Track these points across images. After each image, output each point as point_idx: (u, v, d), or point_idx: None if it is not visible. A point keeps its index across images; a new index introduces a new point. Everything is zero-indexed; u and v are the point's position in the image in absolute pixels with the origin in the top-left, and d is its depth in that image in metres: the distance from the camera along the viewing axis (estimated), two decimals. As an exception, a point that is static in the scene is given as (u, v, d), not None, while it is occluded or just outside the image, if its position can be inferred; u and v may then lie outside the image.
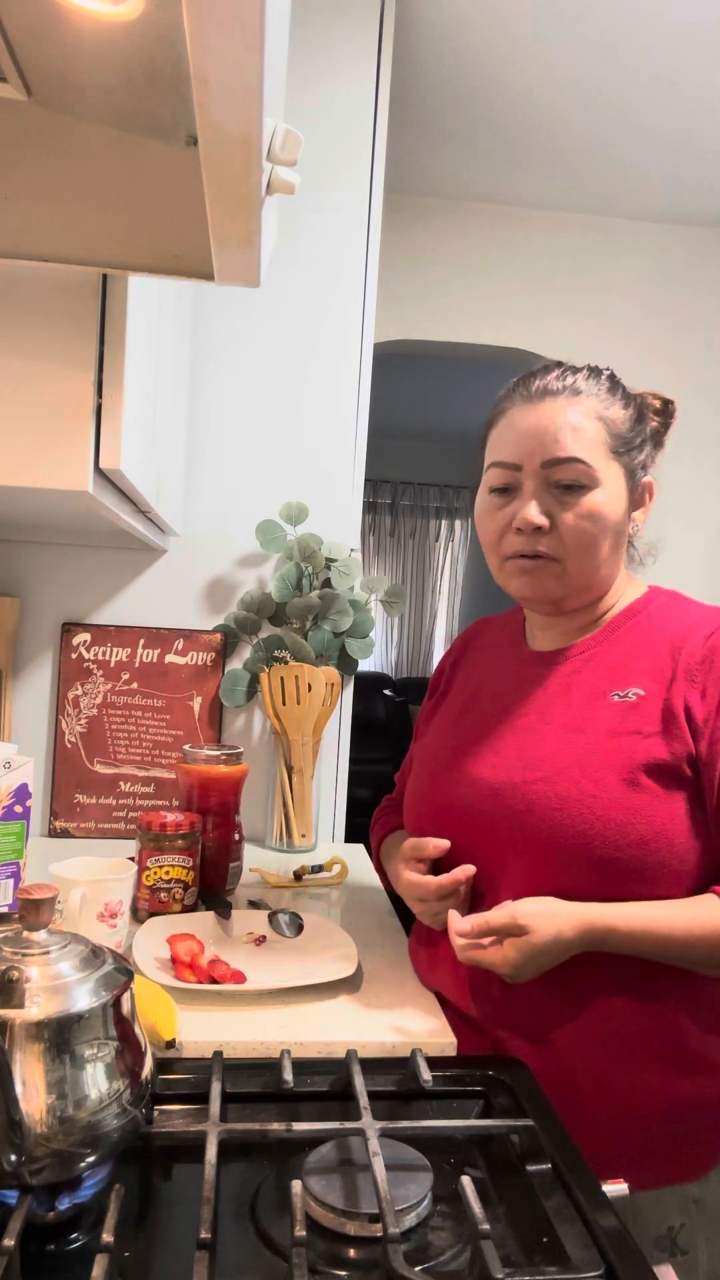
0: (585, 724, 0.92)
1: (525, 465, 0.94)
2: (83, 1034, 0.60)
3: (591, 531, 0.92)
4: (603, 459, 0.93)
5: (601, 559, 0.95)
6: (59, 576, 1.68)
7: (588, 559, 0.94)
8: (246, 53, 0.45)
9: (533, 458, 0.93)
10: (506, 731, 0.98)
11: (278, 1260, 0.59)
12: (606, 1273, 0.57)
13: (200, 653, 1.69)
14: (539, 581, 0.95)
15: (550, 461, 0.92)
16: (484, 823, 0.94)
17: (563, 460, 0.92)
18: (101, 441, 0.96)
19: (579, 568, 0.94)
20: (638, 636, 0.96)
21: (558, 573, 0.94)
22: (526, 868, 0.90)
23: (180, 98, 0.67)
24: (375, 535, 6.30)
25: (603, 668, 0.96)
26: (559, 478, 0.92)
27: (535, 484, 0.93)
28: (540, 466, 0.93)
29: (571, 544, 0.93)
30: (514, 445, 0.94)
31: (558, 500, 0.93)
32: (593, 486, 0.92)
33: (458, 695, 1.11)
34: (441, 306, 2.81)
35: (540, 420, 0.93)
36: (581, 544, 0.93)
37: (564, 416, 0.93)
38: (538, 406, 0.94)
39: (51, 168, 0.77)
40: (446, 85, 2.16)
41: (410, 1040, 0.89)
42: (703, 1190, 0.90)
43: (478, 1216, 0.58)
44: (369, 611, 1.72)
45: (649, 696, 0.91)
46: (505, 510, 0.96)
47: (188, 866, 1.20)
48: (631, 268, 2.83)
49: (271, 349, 1.74)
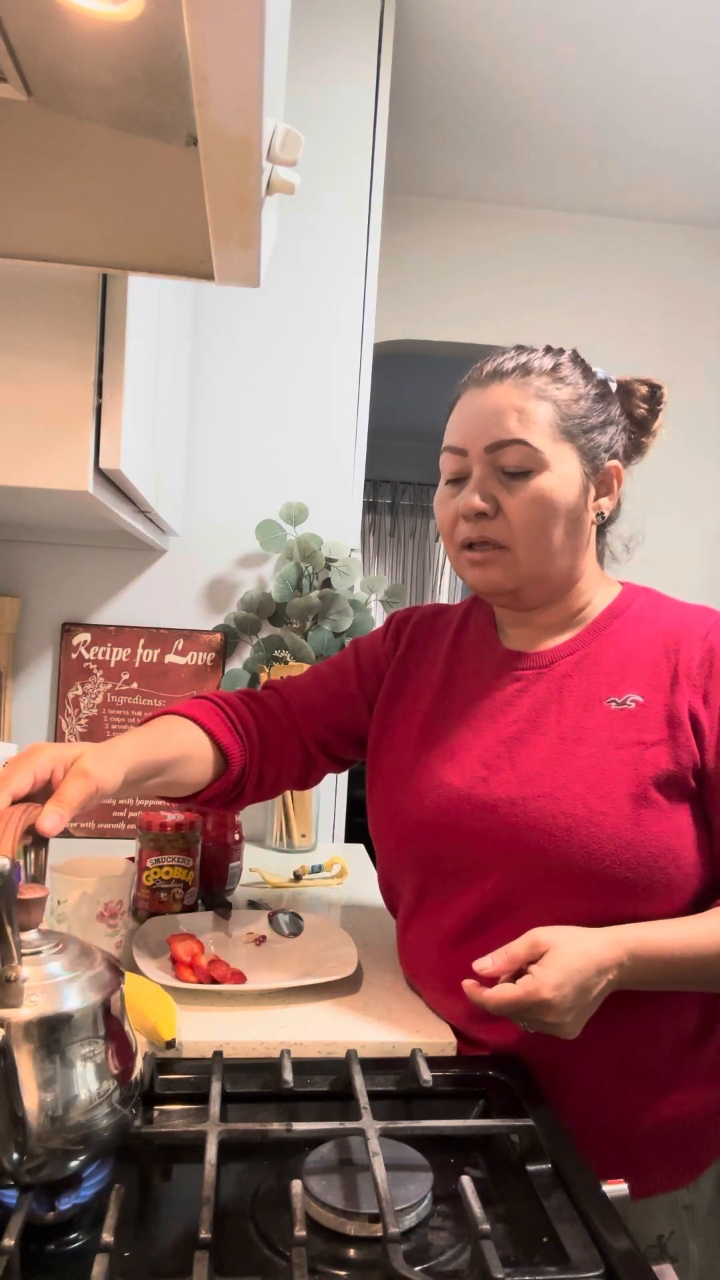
0: (584, 734, 0.88)
1: (471, 450, 0.91)
2: (73, 1034, 0.60)
3: (539, 516, 0.89)
4: (550, 441, 0.89)
5: (555, 546, 0.90)
6: (59, 576, 1.68)
7: (539, 546, 0.90)
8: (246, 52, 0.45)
9: (476, 443, 0.90)
10: (493, 739, 0.92)
11: (278, 1260, 0.59)
12: (606, 1273, 0.57)
13: (200, 653, 1.69)
14: (490, 573, 0.92)
15: (493, 445, 0.89)
16: (474, 841, 0.89)
17: (505, 443, 0.89)
18: (101, 441, 0.96)
19: (529, 555, 0.90)
20: (627, 638, 0.93)
21: (509, 562, 0.91)
22: (527, 890, 0.86)
23: (180, 98, 0.67)
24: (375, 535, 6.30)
25: (595, 672, 0.91)
26: (503, 462, 0.89)
27: (482, 469, 0.90)
28: (484, 451, 0.90)
29: (520, 529, 0.89)
30: (461, 430, 0.92)
31: (504, 486, 0.89)
32: (539, 470, 0.89)
33: (420, 693, 1.03)
34: (441, 306, 2.81)
35: (486, 403, 0.91)
36: (530, 530, 0.89)
37: (509, 399, 0.90)
38: (487, 390, 0.92)
39: (51, 167, 0.77)
40: (446, 85, 2.16)
41: (410, 1040, 0.89)
42: (693, 1196, 0.89)
43: (478, 1216, 0.58)
44: (369, 611, 1.72)
45: (648, 703, 0.87)
46: (456, 499, 0.93)
47: (188, 866, 1.20)
48: (631, 268, 2.83)
49: (271, 349, 1.74)
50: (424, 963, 0.97)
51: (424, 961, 0.97)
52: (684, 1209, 0.89)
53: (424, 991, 0.98)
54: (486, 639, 1.02)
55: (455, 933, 0.91)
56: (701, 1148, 0.90)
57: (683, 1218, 0.89)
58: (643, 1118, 0.86)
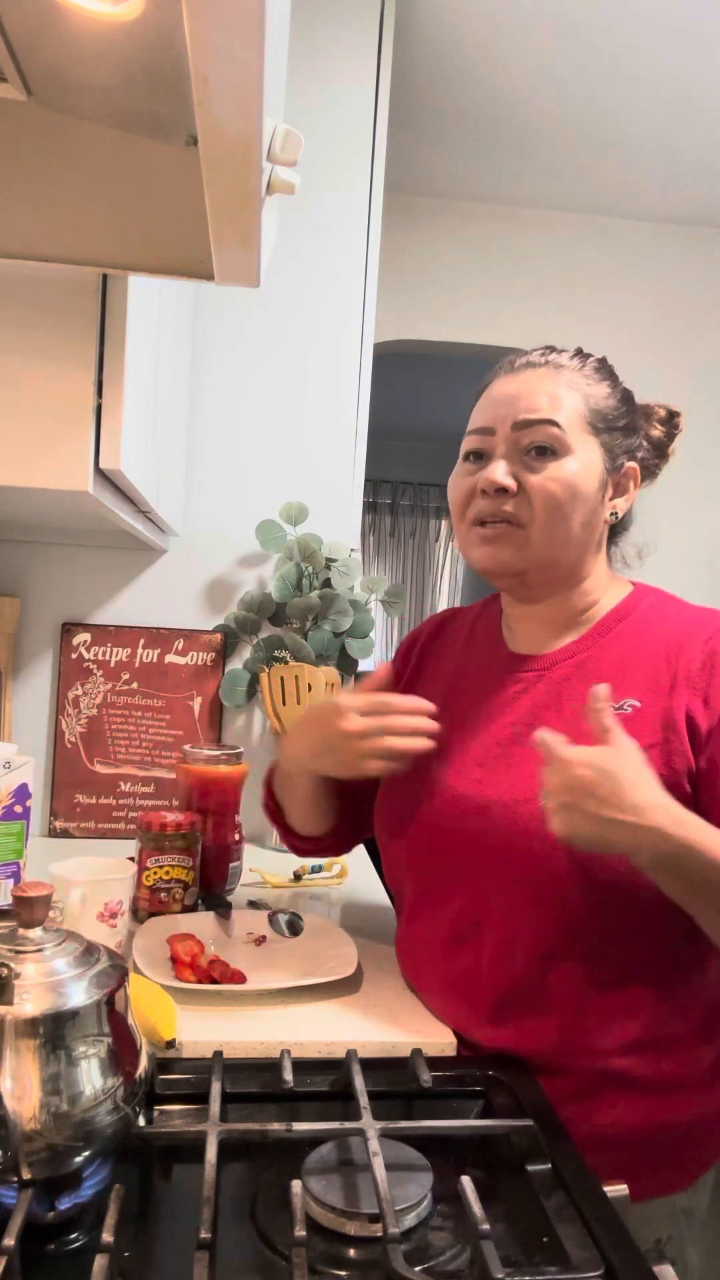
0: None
1: (498, 429, 0.91)
2: (76, 1030, 0.60)
3: (560, 496, 0.89)
4: (578, 429, 0.90)
5: (571, 533, 0.90)
6: (59, 576, 1.68)
7: (555, 528, 0.89)
8: (246, 52, 0.45)
9: (505, 421, 0.91)
10: (492, 742, 0.93)
11: (278, 1260, 0.59)
12: (606, 1273, 0.57)
13: (200, 653, 1.69)
14: (500, 551, 0.91)
15: (521, 423, 0.90)
16: (469, 840, 0.89)
17: (534, 421, 0.89)
18: (101, 441, 0.96)
19: (544, 536, 0.90)
20: (630, 642, 0.92)
21: (521, 541, 0.90)
22: (519, 893, 0.86)
23: (180, 98, 0.67)
24: (375, 535, 6.29)
25: (595, 676, 0.90)
26: (530, 440, 0.89)
27: (506, 447, 0.91)
28: (512, 429, 0.90)
29: (539, 508, 0.89)
30: (489, 412, 0.93)
31: (527, 465, 0.90)
32: (563, 453, 0.89)
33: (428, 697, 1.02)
34: (441, 306, 2.81)
35: (518, 386, 0.92)
36: (549, 509, 0.89)
37: (541, 384, 0.91)
38: (518, 375, 0.93)
39: (51, 168, 0.77)
40: (446, 85, 2.16)
41: (410, 1040, 0.89)
42: (691, 1199, 0.89)
43: (478, 1216, 0.58)
44: (369, 611, 1.71)
45: (645, 708, 0.86)
46: (474, 476, 0.93)
47: (188, 866, 1.20)
48: (632, 268, 2.82)
49: (271, 349, 1.74)
50: (422, 963, 0.97)
51: (422, 962, 0.97)
52: (682, 1213, 0.88)
53: (422, 993, 0.98)
54: (493, 642, 1.03)
55: (452, 935, 0.91)
56: (700, 1151, 0.89)
57: (681, 1221, 0.88)
58: (641, 1120, 0.86)
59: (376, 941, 1.14)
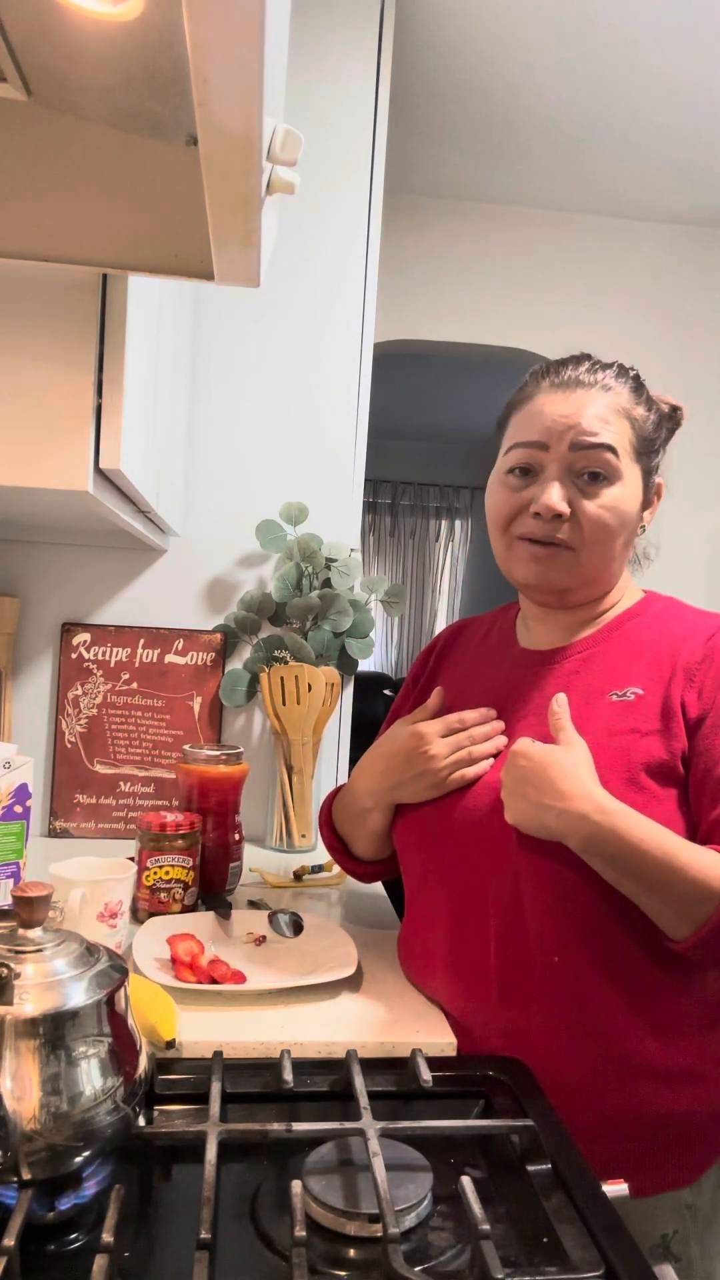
0: (583, 724, 0.90)
1: (553, 446, 0.92)
2: (76, 1031, 0.60)
3: (611, 524, 0.92)
4: (628, 456, 0.93)
5: (614, 554, 0.94)
6: (59, 576, 1.68)
7: (602, 552, 0.93)
8: (246, 52, 0.45)
9: (562, 439, 0.91)
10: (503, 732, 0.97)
11: (278, 1260, 0.59)
12: (606, 1273, 0.57)
13: (200, 653, 1.69)
14: (548, 571, 0.94)
15: (579, 445, 0.91)
16: (480, 824, 0.93)
17: (593, 445, 0.90)
18: (101, 442, 0.96)
19: (592, 560, 0.93)
20: (638, 638, 0.96)
21: (570, 563, 0.93)
22: (529, 876, 0.88)
23: (180, 98, 0.67)
24: (375, 535, 6.30)
25: (602, 668, 0.95)
26: (585, 464, 0.91)
27: (559, 468, 0.92)
28: (569, 449, 0.91)
29: (590, 534, 0.92)
30: (543, 427, 0.93)
31: (579, 489, 0.92)
32: (615, 479, 0.91)
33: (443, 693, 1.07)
34: (441, 306, 2.81)
35: (573, 406, 0.92)
36: (599, 536, 0.92)
37: (596, 407, 0.92)
38: (571, 393, 0.93)
39: (52, 168, 0.77)
40: (446, 85, 2.16)
41: (410, 1040, 0.89)
42: (695, 1195, 0.89)
43: (478, 1216, 0.58)
44: (369, 611, 1.72)
45: (647, 695, 0.90)
46: (523, 492, 0.94)
47: (188, 866, 1.20)
48: (633, 268, 2.82)
49: (271, 349, 1.74)
50: (422, 946, 0.99)
51: (423, 945, 0.99)
52: (686, 1208, 0.89)
53: (425, 978, 0.99)
54: (507, 641, 1.07)
55: (460, 916, 0.93)
56: (703, 1147, 0.90)
57: (685, 1217, 0.89)
58: (644, 1116, 0.87)
59: (376, 941, 1.14)
